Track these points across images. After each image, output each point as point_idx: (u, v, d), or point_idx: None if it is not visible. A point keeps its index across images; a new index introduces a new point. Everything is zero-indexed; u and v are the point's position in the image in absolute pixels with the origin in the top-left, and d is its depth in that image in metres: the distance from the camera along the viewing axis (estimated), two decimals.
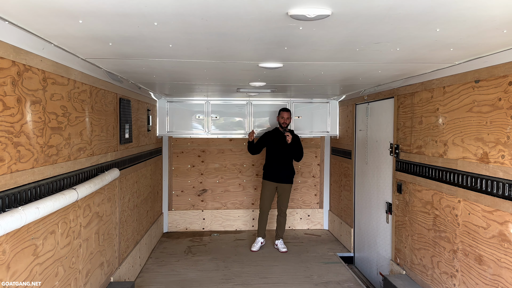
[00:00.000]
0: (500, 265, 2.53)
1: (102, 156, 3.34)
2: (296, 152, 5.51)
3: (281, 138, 5.50)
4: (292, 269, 4.93)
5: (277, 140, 5.53)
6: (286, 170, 5.56)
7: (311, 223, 6.84)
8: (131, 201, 4.38)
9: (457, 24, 1.85)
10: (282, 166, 5.54)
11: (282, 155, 5.51)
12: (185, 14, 1.72)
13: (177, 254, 5.51)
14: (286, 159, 5.54)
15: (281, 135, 5.52)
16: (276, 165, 5.53)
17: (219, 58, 2.76)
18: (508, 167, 2.43)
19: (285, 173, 5.55)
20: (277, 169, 5.52)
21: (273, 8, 1.63)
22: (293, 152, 5.48)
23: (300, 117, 6.49)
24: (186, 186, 6.66)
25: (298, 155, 5.55)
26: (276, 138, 5.56)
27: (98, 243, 3.29)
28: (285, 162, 5.54)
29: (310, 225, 6.84)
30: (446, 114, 3.14)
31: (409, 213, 3.80)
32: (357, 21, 1.82)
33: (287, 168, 5.57)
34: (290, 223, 6.75)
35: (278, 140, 5.53)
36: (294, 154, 5.52)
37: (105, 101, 3.43)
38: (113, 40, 2.23)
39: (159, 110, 6.16)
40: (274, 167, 5.53)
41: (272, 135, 5.63)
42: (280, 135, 5.54)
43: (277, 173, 5.52)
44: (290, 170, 5.61)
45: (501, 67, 2.48)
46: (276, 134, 5.59)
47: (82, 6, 1.64)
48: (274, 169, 5.53)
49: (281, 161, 5.52)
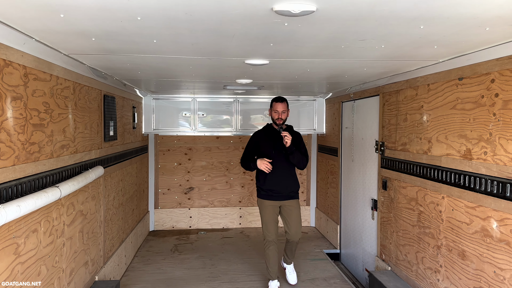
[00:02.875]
0: (482, 260, 2.57)
1: (86, 154, 3.29)
2: (298, 157, 3.95)
3: (277, 139, 4.02)
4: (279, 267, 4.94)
5: (272, 143, 4.05)
6: (287, 181, 4.06)
7: None
8: (116, 199, 4.33)
9: (440, 21, 1.86)
10: (281, 177, 4.03)
11: (280, 162, 4.00)
12: (169, 9, 1.70)
13: (163, 252, 5.47)
14: (286, 166, 4.03)
15: (276, 135, 4.05)
16: (273, 176, 4.01)
17: (204, 54, 2.74)
18: (490, 163, 2.47)
19: (287, 186, 4.05)
20: (276, 182, 4.02)
21: (258, 3, 1.62)
22: (294, 156, 3.93)
23: None
24: (172, 184, 6.61)
25: (301, 160, 3.97)
26: (269, 139, 4.07)
27: (82, 241, 3.25)
28: (285, 171, 4.04)
29: None
30: (431, 112, 3.17)
31: (394, 210, 3.84)
32: (342, 18, 1.82)
33: (289, 179, 4.07)
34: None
35: (272, 142, 4.05)
36: (295, 160, 3.95)
37: (89, 97, 3.38)
38: (96, 35, 2.19)
39: (145, 107, 6.10)
40: (271, 180, 4.02)
41: (263, 136, 4.12)
42: (274, 135, 4.06)
43: (277, 188, 4.03)
44: (293, 180, 4.12)
45: (484, 65, 2.51)
46: (269, 134, 4.10)
47: (63, 0, 1.60)
48: (271, 183, 4.02)
49: (279, 170, 4.01)
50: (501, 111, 2.37)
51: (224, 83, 4.61)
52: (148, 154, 6.39)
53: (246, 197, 6.79)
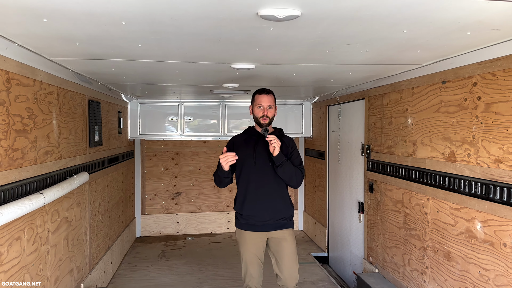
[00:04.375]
0: (467, 261, 2.60)
1: (71, 160, 3.25)
2: (290, 170, 2.87)
3: (261, 146, 2.99)
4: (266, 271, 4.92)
5: (254, 150, 2.99)
6: (275, 204, 2.99)
7: None
8: (101, 206, 4.28)
9: (423, 26, 1.89)
10: (267, 199, 2.98)
11: (265, 176, 2.97)
12: (154, 13, 1.69)
13: (150, 258, 5.42)
14: (273, 183, 2.98)
15: (260, 140, 3.01)
16: (255, 197, 2.98)
17: (190, 58, 2.73)
18: (474, 165, 2.51)
19: (275, 210, 2.98)
20: (259, 205, 2.97)
21: (242, 8, 1.63)
22: (284, 170, 2.85)
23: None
24: (159, 190, 6.56)
25: (294, 175, 2.89)
26: (250, 146, 3.02)
27: (67, 249, 3.20)
28: (272, 189, 2.98)
29: None
30: (415, 115, 3.21)
31: (381, 212, 3.87)
32: (327, 22, 1.83)
33: (278, 200, 3.00)
34: None
35: (255, 149, 2.99)
36: (286, 174, 2.88)
37: (73, 103, 3.34)
38: (80, 39, 2.17)
39: (131, 112, 6.05)
40: (252, 202, 2.98)
41: (242, 143, 3.08)
42: (258, 140, 3.02)
43: (260, 214, 2.97)
44: (284, 202, 3.04)
45: (466, 69, 2.56)
46: (250, 140, 3.06)
47: (45, 4, 1.59)
48: (252, 207, 2.98)
49: (264, 188, 2.97)
50: (484, 114, 2.42)
51: (210, 88, 4.61)
52: (134, 159, 6.34)
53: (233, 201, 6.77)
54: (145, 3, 1.57)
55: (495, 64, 2.30)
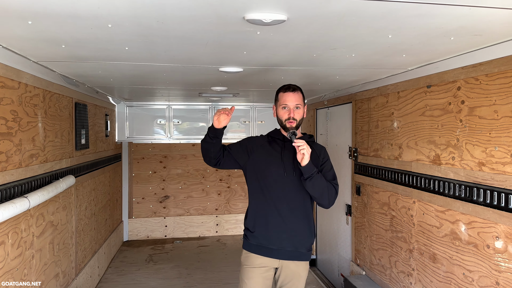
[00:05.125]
0: (452, 263, 2.64)
1: (57, 163, 3.22)
2: (322, 185, 2.37)
3: (287, 153, 2.52)
4: None
5: (277, 157, 2.52)
6: (298, 226, 2.49)
7: None
8: (88, 209, 4.23)
9: (407, 31, 1.92)
10: (290, 217, 2.47)
11: (290, 190, 2.48)
12: (140, 16, 1.69)
13: (137, 262, 5.38)
14: (298, 200, 2.49)
15: (285, 146, 2.54)
16: (276, 214, 2.47)
17: (178, 61, 2.73)
18: (458, 168, 2.55)
19: (295, 234, 2.48)
20: (280, 224, 2.47)
21: (229, 12, 1.64)
22: (314, 184, 2.34)
23: (263, 121, 6.52)
24: (147, 193, 6.52)
25: (325, 190, 2.39)
26: (276, 152, 2.54)
27: (53, 253, 3.16)
28: (296, 206, 2.49)
29: None
30: (401, 118, 3.25)
31: (368, 215, 3.90)
32: (313, 27, 1.85)
33: (301, 222, 2.50)
34: None
35: (280, 157, 2.51)
36: (316, 189, 2.36)
37: (59, 105, 3.31)
38: (66, 42, 2.16)
39: (118, 115, 6.01)
40: (272, 220, 2.47)
41: (264, 147, 2.60)
42: (282, 145, 2.56)
43: (280, 235, 2.47)
44: (308, 226, 2.53)
45: (451, 73, 2.60)
46: (274, 145, 2.59)
47: (30, 7, 1.58)
48: (271, 226, 2.47)
49: (288, 204, 2.47)
50: (467, 118, 2.46)
51: (199, 91, 4.60)
52: (122, 163, 6.29)
53: (222, 204, 6.76)
54: (132, 6, 1.57)
55: (478, 69, 2.35)
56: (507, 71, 2.14)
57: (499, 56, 2.18)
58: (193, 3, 1.52)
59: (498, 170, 2.22)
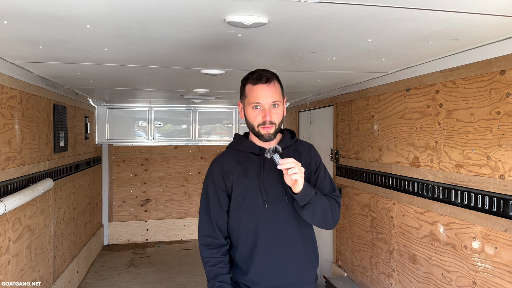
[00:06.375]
0: (431, 263, 2.68)
1: (34, 166, 3.15)
2: (323, 207, 1.78)
3: (269, 172, 1.84)
4: None
5: (262, 182, 1.82)
6: (299, 260, 1.88)
7: None
8: (67, 213, 4.15)
9: (386, 35, 1.95)
10: (286, 253, 1.85)
11: (281, 221, 1.84)
12: (119, 17, 1.67)
13: (118, 267, 5.30)
14: (294, 229, 1.87)
15: (266, 164, 1.84)
16: (270, 253, 1.84)
17: (159, 63, 2.71)
18: (436, 170, 2.59)
19: (297, 269, 1.88)
20: (275, 264, 1.84)
21: (210, 14, 1.63)
22: (314, 210, 1.75)
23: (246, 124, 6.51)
24: (128, 196, 6.43)
25: (328, 212, 1.80)
26: (254, 174, 1.85)
27: (30, 258, 3.08)
28: (293, 238, 1.87)
29: None
30: (381, 121, 3.29)
31: (349, 216, 3.93)
32: (294, 30, 1.86)
33: (304, 255, 1.90)
34: None
35: (263, 180, 1.83)
36: (317, 216, 1.78)
37: (37, 107, 3.24)
38: (44, 43, 2.11)
39: (98, 117, 5.92)
40: (265, 262, 1.84)
41: (238, 169, 1.87)
42: (262, 163, 1.85)
43: (277, 277, 1.85)
44: (312, 254, 1.95)
45: (429, 77, 2.65)
46: (249, 162, 1.88)
47: (5, 6, 1.54)
48: (265, 268, 1.84)
49: (282, 238, 1.85)
50: (445, 121, 2.50)
51: (181, 93, 4.57)
52: (102, 166, 6.19)
53: None
54: (110, 7, 1.54)
55: (456, 72, 2.40)
56: (483, 75, 2.19)
57: (475, 60, 2.23)
58: (173, 4, 1.51)
59: (475, 172, 2.27)
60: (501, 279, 2.10)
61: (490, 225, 2.16)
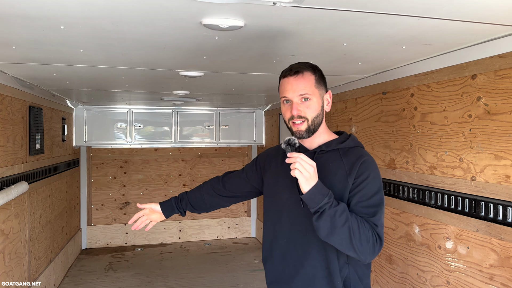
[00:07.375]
0: (407, 263, 2.72)
1: (8, 169, 3.07)
2: (339, 225, 1.47)
3: (286, 171, 1.66)
4: (218, 280, 4.89)
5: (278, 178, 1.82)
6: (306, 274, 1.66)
7: (239, 231, 6.86)
8: (43, 217, 4.07)
9: (362, 39, 1.98)
10: (299, 266, 1.67)
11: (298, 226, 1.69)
12: (94, 18, 1.65)
13: (96, 271, 5.21)
14: (309, 240, 1.65)
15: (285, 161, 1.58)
16: (284, 256, 1.73)
17: (136, 64, 2.68)
18: (411, 172, 2.64)
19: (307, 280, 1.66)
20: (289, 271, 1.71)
21: (186, 16, 1.63)
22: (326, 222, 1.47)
23: (227, 126, 6.51)
24: (107, 199, 6.34)
25: (349, 234, 1.47)
26: (285, 169, 1.70)
27: (4, 263, 3.01)
28: (307, 251, 1.66)
29: (238, 233, 6.85)
30: (358, 124, 3.34)
31: None
32: (270, 34, 1.87)
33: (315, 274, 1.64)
34: (218, 233, 6.71)
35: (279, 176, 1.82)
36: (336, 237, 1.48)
37: (12, 109, 3.17)
38: (17, 43, 2.08)
39: (76, 118, 5.82)
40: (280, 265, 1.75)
41: (275, 161, 1.87)
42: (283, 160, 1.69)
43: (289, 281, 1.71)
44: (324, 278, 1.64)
45: (404, 80, 2.70)
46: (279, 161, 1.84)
47: None
48: (275, 272, 1.77)
49: (296, 245, 1.69)
50: (420, 123, 2.56)
51: (160, 94, 4.54)
52: (80, 168, 6.09)
53: None
54: (85, 8, 1.53)
55: (430, 76, 2.45)
56: (456, 79, 2.25)
57: (448, 65, 2.29)
58: (147, 6, 1.51)
59: (448, 174, 2.32)
60: (473, 278, 2.15)
61: (462, 225, 2.22)
